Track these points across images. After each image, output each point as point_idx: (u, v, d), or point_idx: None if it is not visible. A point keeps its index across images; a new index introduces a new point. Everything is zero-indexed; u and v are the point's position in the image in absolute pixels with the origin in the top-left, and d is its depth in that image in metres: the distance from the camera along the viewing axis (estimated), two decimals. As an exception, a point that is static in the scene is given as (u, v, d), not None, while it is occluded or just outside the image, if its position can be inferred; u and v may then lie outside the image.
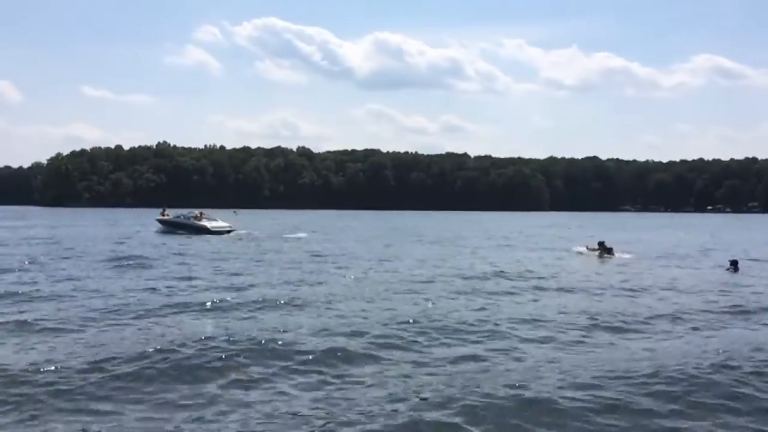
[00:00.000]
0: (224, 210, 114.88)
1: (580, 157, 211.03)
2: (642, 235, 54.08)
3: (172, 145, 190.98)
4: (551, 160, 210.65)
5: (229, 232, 44.09)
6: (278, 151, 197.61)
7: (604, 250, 29.26)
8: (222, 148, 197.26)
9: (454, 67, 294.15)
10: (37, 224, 60.28)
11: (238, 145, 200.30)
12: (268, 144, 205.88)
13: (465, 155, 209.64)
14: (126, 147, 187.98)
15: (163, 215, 49.81)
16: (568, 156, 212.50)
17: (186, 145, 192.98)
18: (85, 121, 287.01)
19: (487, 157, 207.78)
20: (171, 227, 46.92)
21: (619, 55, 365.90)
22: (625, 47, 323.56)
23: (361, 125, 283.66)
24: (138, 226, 55.70)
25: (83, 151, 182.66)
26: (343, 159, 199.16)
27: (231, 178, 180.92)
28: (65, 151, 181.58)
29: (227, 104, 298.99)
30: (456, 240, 43.58)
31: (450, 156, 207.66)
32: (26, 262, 23.38)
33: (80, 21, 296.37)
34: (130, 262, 23.74)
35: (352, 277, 20.66)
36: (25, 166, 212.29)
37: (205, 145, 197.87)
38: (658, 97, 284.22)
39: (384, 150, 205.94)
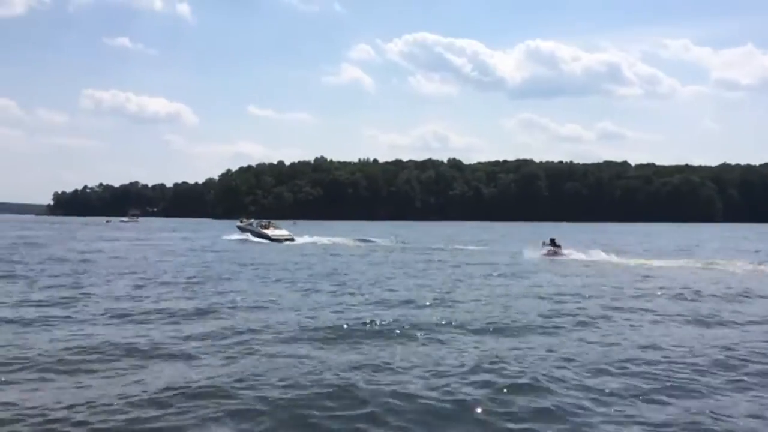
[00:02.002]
0: (378, 222, 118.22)
1: (757, 164, 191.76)
2: None
3: (328, 159, 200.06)
4: (724, 167, 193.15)
5: (289, 240, 48.28)
6: (429, 164, 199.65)
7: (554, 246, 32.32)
8: (375, 161, 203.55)
9: (612, 72, 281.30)
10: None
11: (391, 158, 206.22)
12: (419, 156, 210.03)
13: (625, 163, 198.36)
14: (287, 162, 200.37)
15: (242, 222, 58.27)
16: (743, 162, 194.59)
17: (342, 159, 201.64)
18: (251, 139, 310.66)
19: (650, 165, 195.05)
20: (243, 232, 54.42)
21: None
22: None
23: (512, 135, 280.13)
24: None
25: (249, 167, 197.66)
26: (494, 170, 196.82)
27: (384, 190, 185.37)
28: (234, 168, 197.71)
29: (380, 119, 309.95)
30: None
31: (608, 165, 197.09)
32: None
33: (247, 48, 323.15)
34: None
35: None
36: (200, 181, 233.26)
37: (359, 159, 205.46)
38: None
39: (536, 160, 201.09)
